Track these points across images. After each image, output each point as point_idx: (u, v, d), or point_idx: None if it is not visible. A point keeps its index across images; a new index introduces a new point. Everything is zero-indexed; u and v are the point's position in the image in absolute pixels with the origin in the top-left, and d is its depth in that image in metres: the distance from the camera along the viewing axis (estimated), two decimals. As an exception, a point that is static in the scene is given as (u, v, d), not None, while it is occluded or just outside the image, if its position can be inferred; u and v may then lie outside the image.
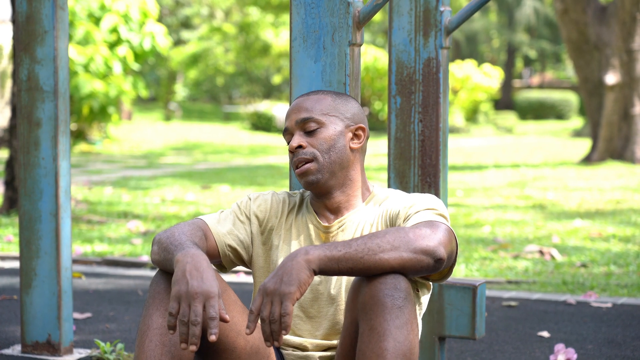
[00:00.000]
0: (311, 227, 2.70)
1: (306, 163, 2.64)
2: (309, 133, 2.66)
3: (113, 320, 4.94)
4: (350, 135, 2.69)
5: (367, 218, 2.66)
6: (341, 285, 2.62)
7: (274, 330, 2.29)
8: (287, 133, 2.70)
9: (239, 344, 2.52)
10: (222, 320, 2.27)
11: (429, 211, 2.52)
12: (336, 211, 2.69)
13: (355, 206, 2.70)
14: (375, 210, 2.68)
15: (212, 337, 2.25)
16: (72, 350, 4.01)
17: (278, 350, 2.66)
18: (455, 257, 2.50)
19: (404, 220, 2.54)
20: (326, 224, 2.68)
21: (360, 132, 2.71)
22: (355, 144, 2.70)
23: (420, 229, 2.39)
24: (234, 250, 2.69)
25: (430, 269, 2.39)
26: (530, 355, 4.25)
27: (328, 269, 2.33)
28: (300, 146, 2.65)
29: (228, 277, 6.10)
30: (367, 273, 2.35)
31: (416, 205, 2.56)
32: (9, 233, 7.93)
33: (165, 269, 2.48)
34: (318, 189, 2.66)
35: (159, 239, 2.51)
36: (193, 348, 2.26)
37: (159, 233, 2.56)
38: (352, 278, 2.59)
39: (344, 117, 2.69)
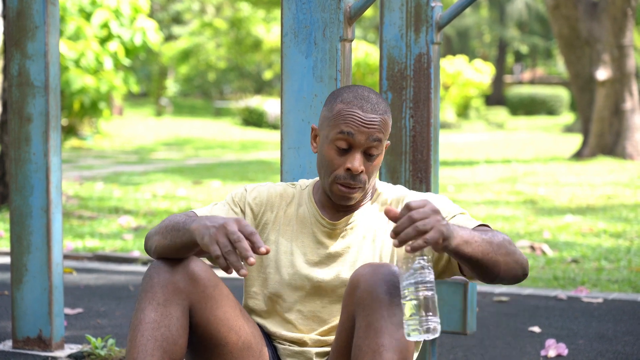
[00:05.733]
0: (314, 222, 2.63)
1: (357, 189, 2.56)
2: (369, 157, 2.55)
3: (104, 316, 4.94)
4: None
5: (377, 221, 2.61)
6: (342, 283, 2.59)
7: (408, 233, 2.19)
8: (347, 143, 2.55)
9: (231, 340, 2.52)
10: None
11: (465, 216, 2.52)
12: (343, 209, 2.63)
13: (362, 204, 2.65)
14: (381, 212, 2.63)
15: (262, 250, 2.23)
16: (63, 345, 4.01)
17: (271, 345, 2.65)
18: None
19: None
20: (333, 221, 2.62)
21: (384, 150, 2.64)
22: (380, 161, 2.63)
23: (509, 241, 2.40)
24: None
25: (517, 281, 2.42)
26: (521, 351, 4.26)
27: (462, 252, 2.30)
28: (362, 171, 2.55)
29: (218, 273, 6.11)
30: (483, 270, 2.34)
31: (447, 211, 2.53)
32: (0, 229, 7.92)
33: (174, 250, 2.45)
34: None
35: (157, 230, 2.50)
36: (251, 261, 2.23)
37: (152, 229, 2.54)
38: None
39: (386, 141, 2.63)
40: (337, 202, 2.59)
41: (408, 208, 2.22)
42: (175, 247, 2.44)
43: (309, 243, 2.62)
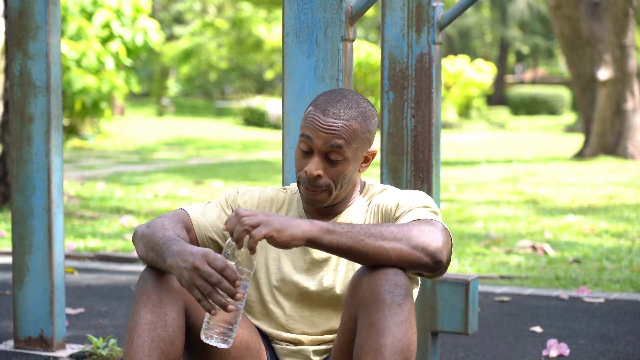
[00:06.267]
0: None
1: (320, 192, 2.55)
2: (331, 162, 2.54)
3: (106, 316, 4.94)
4: (362, 160, 2.61)
5: (359, 217, 2.63)
6: (337, 286, 2.60)
7: (238, 231, 2.29)
8: (308, 146, 2.55)
9: (229, 339, 2.52)
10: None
11: (424, 209, 2.49)
12: (327, 212, 2.64)
13: (347, 205, 2.65)
14: (365, 206, 2.65)
15: (237, 283, 2.26)
16: (64, 345, 4.01)
17: (269, 345, 2.66)
18: (450, 257, 2.48)
19: (398, 217, 2.51)
20: None
21: (370, 156, 2.63)
22: (363, 168, 2.63)
23: (423, 227, 2.37)
24: (214, 242, 2.65)
25: (427, 269, 2.37)
26: (523, 351, 4.26)
27: (322, 242, 2.32)
28: (319, 175, 2.54)
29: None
30: (364, 258, 2.34)
31: (410, 203, 2.52)
32: (2, 228, 7.92)
33: (153, 265, 2.47)
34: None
35: (142, 235, 2.50)
36: (238, 296, 2.26)
37: (139, 227, 2.55)
38: (347, 279, 2.58)
39: (364, 147, 2.58)
40: (308, 205, 2.61)
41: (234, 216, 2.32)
42: (152, 264, 2.47)
43: (295, 249, 2.63)
